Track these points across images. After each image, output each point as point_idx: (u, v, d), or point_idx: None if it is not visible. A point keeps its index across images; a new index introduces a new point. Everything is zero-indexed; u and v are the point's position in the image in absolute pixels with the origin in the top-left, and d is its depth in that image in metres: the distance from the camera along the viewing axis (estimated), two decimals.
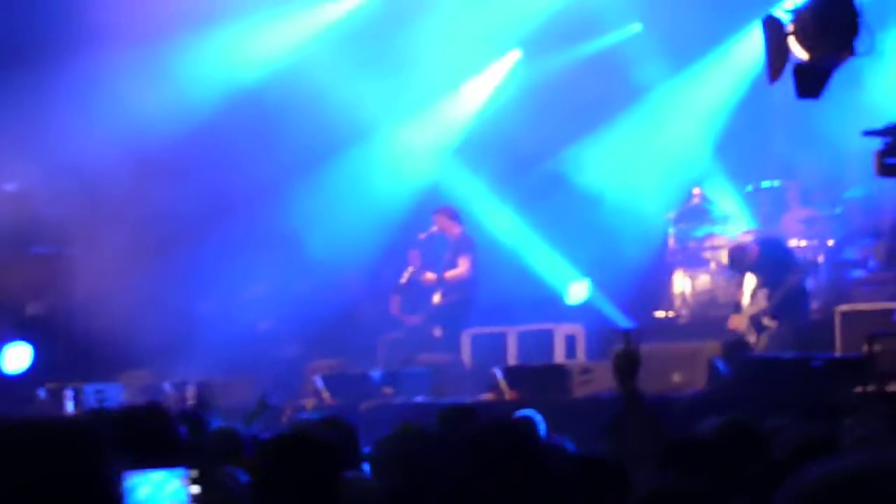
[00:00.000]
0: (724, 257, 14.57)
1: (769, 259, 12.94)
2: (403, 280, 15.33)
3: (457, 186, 16.76)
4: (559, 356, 14.07)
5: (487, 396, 12.37)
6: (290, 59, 16.51)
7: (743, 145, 16.37)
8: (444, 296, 14.77)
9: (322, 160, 16.81)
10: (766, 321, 12.76)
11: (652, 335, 12.87)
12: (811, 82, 8.58)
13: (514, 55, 18.02)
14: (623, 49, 17.17)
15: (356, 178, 16.90)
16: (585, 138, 17.07)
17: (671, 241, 16.22)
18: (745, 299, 13.06)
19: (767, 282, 12.76)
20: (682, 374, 11.36)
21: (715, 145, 16.87)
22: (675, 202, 16.52)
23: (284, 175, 16.59)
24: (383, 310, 16.13)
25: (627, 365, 6.16)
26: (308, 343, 16.29)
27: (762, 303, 12.76)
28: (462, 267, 14.59)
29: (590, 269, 16.47)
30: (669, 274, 16.03)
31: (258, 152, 16.20)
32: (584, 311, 15.84)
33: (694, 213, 16.20)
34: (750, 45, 15.29)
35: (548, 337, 14.26)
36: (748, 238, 14.55)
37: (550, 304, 15.98)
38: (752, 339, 12.81)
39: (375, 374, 13.98)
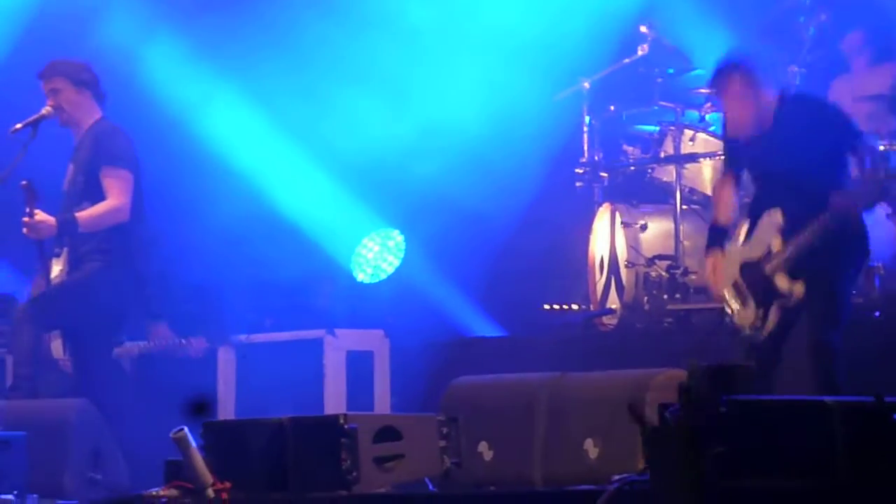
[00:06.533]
0: (706, 177, 9.29)
1: (802, 149, 7.51)
2: None
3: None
4: (333, 401, 9.63)
5: (153, 495, 6.74)
6: None
7: None
8: (70, 264, 8.65)
9: None
10: (781, 281, 7.59)
11: (537, 353, 8.95)
12: None
13: None
14: None
15: None
16: None
17: (587, 145, 9.81)
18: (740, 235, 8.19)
19: (788, 203, 7.65)
20: (600, 441, 6.52)
21: None
22: (597, 57, 9.91)
23: None
24: None
25: None
26: None
27: (773, 242, 7.63)
28: (113, 197, 8.60)
29: (406, 211, 10.73)
30: (582, 218, 9.91)
31: None
32: (390, 301, 10.63)
33: (642, 81, 9.71)
34: None
35: (311, 355, 9.70)
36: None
37: (314, 286, 10.58)
38: (745, 320, 7.54)
39: None
